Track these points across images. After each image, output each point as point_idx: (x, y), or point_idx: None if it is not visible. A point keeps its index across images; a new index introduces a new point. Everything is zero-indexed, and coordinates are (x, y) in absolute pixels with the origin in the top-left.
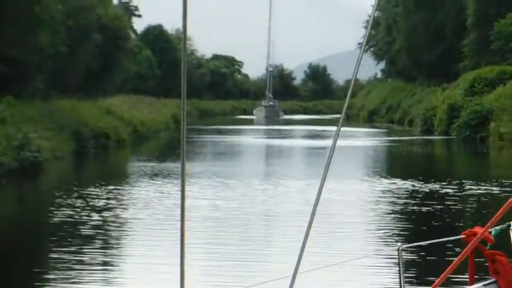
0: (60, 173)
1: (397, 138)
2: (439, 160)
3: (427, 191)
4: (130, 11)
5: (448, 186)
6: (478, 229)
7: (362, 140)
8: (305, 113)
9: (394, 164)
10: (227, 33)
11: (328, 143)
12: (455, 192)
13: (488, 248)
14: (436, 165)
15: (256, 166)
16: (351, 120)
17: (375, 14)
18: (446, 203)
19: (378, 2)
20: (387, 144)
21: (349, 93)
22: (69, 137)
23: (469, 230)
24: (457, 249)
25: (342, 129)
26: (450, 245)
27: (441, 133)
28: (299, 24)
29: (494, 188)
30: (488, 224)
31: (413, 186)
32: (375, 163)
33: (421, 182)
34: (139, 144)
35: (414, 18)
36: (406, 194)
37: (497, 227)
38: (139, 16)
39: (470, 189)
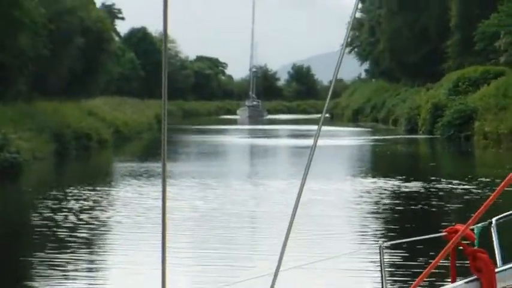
0: (41, 174)
1: (381, 137)
2: (423, 159)
3: (411, 190)
4: (113, 14)
5: (432, 185)
6: (460, 226)
7: (346, 139)
8: (289, 112)
9: (377, 163)
10: (212, 35)
11: (312, 142)
12: (439, 191)
13: (475, 245)
14: (420, 164)
15: (238, 166)
16: (335, 119)
17: (359, 16)
18: (430, 202)
19: (361, 3)
20: (371, 143)
21: (329, 92)
22: (50, 138)
23: (450, 227)
24: (440, 247)
25: (326, 128)
26: (432, 243)
27: (425, 132)
28: (284, 25)
29: (478, 187)
30: (470, 221)
31: (396, 185)
32: (359, 162)
33: (404, 181)
34: (122, 145)
35: (398, 20)
36: (389, 193)
37: (479, 225)
38: (122, 19)
39: (453, 188)
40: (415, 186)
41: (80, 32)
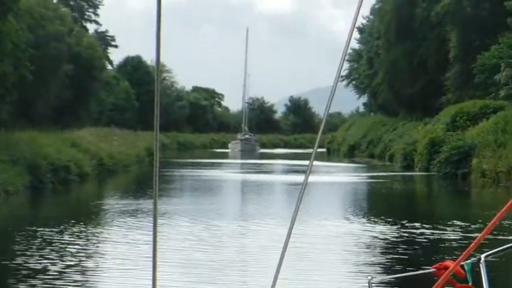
0: (11, 210)
1: (376, 174)
2: (418, 199)
3: (403, 232)
4: (106, 41)
5: (425, 227)
6: (449, 263)
7: (340, 175)
8: (285, 146)
9: (369, 202)
10: (209, 66)
11: (303, 178)
12: (431, 233)
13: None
14: (414, 205)
15: (224, 205)
16: (332, 154)
17: (357, 47)
18: (422, 244)
19: (359, 34)
20: (366, 180)
21: (321, 127)
22: (24, 170)
23: (439, 263)
24: (429, 284)
25: (321, 164)
26: (422, 280)
27: (421, 169)
28: (282, 58)
29: (472, 229)
30: (460, 257)
31: (388, 227)
32: (351, 201)
33: (397, 223)
34: (105, 179)
35: (396, 51)
36: (380, 234)
37: (468, 261)
38: (115, 46)
39: (446, 230)
40: (408, 228)
41: (68, 58)
